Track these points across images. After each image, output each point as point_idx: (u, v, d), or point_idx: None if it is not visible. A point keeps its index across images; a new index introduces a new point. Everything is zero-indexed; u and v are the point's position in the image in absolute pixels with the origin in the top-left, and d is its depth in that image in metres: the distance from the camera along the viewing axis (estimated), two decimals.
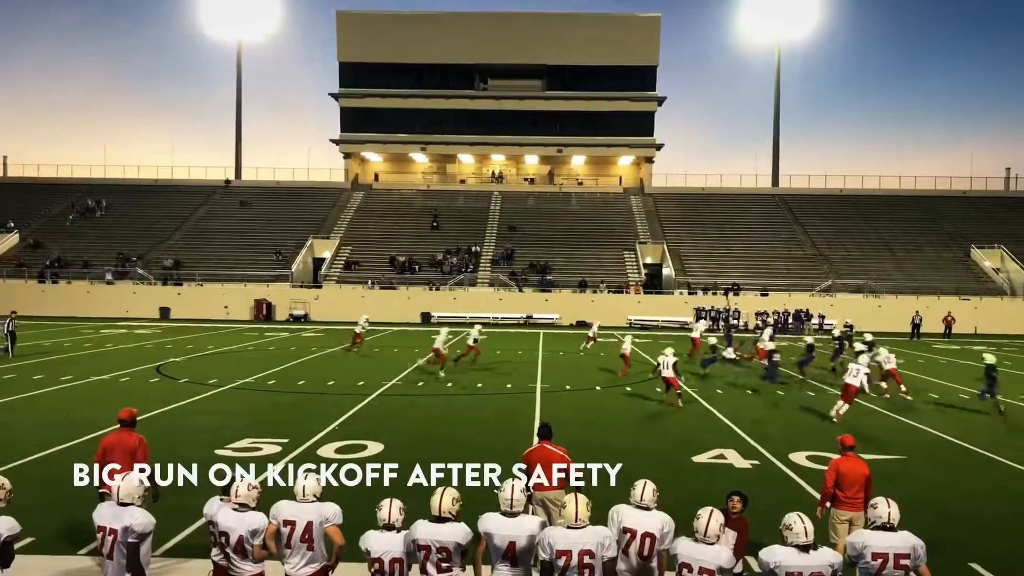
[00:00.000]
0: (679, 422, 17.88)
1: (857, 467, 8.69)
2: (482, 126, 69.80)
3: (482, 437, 15.84)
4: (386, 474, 12.62)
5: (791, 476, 13.11)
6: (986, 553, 9.63)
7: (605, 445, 15.11)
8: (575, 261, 56.81)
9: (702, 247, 59.32)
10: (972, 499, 12.09)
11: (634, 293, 52.75)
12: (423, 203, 66.06)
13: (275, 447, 14.61)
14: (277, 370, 26.07)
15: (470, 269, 55.66)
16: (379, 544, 6.26)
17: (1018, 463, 14.38)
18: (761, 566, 6.13)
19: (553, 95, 70.10)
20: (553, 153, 70.75)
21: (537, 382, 23.93)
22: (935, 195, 66.50)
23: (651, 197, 67.17)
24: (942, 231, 60.55)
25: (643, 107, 70.24)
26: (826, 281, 53.37)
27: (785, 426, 17.64)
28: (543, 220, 62.84)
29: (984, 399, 20.49)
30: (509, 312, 50.58)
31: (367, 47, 69.47)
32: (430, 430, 16.54)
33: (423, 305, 51.36)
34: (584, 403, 20.36)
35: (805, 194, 67.30)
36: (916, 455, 14.96)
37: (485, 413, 18.66)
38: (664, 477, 12.66)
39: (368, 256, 57.65)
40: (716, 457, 14.31)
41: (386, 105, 70.25)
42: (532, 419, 17.69)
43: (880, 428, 17.68)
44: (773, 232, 61.39)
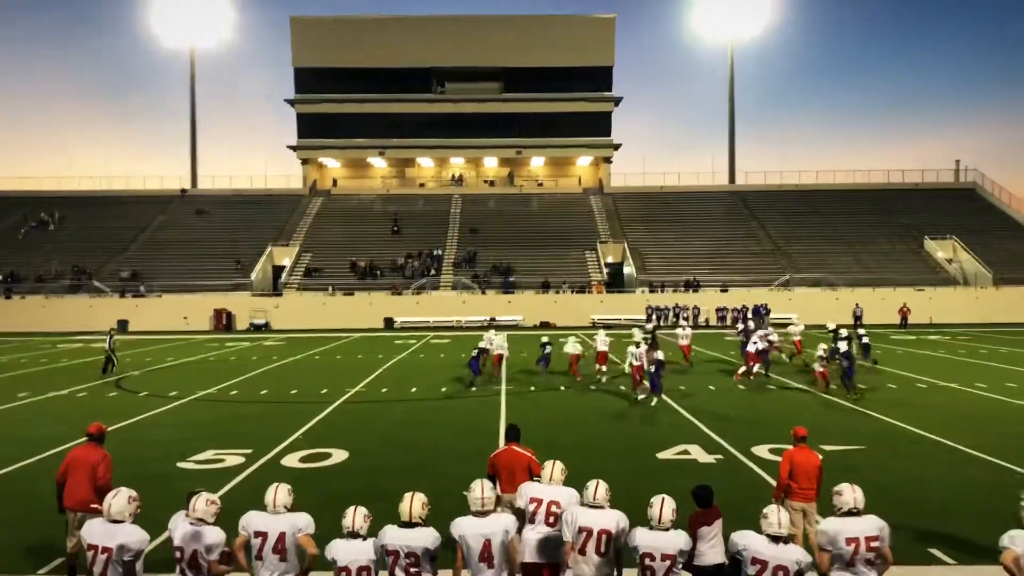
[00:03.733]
0: (644, 420, 18.01)
1: (809, 458, 8.83)
2: (440, 129, 69.75)
3: (448, 441, 15.83)
4: (352, 481, 12.64)
5: (754, 469, 13.27)
6: (945, 537, 9.84)
7: (571, 445, 15.17)
8: (537, 262, 56.95)
9: (662, 245, 59.79)
10: (931, 486, 12.33)
11: (596, 293, 53.01)
12: (383, 208, 65.82)
13: (238, 458, 14.46)
14: (239, 380, 25.80)
15: (432, 273, 55.55)
16: (345, 553, 6.24)
17: (973, 449, 14.67)
18: (730, 546, 6.26)
19: (511, 97, 70.26)
20: (512, 155, 70.90)
21: (502, 384, 23.95)
22: (888, 189, 67.74)
23: (610, 197, 67.58)
24: (896, 224, 61.65)
25: (600, 108, 70.69)
26: (784, 276, 54.07)
27: (748, 420, 17.84)
28: (504, 222, 62.92)
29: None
30: (472, 315, 50.56)
31: (323, 52, 69.08)
32: (395, 436, 16.48)
33: (386, 310, 51.14)
34: (549, 404, 20.43)
35: (762, 190, 68.20)
36: (876, 444, 15.21)
37: (450, 417, 18.63)
38: (629, 474, 12.79)
39: (329, 262, 57.27)
40: (680, 453, 14.44)
41: (343, 110, 69.89)
42: (498, 421, 17.71)
43: (840, 419, 17.95)
44: (731, 229, 62.08)
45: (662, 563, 6.14)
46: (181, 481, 12.68)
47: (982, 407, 19.55)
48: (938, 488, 12.21)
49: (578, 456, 14.05)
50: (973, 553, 9.39)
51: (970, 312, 50.01)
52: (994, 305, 50.38)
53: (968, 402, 20.35)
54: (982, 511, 10.98)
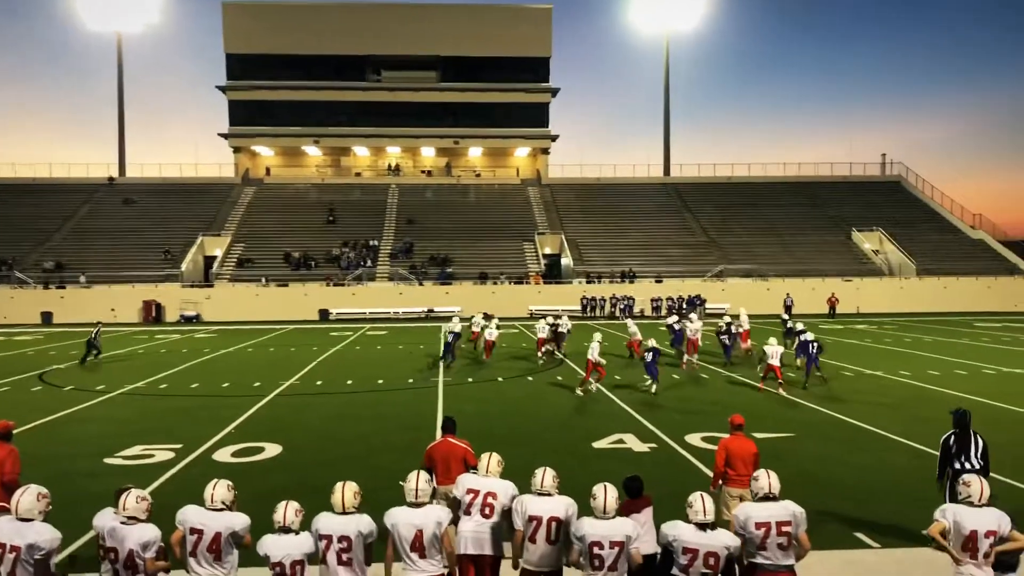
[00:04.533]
0: (579, 410, 18.14)
1: (745, 446, 8.99)
2: (377, 118, 69.07)
3: (384, 434, 15.71)
4: (286, 475, 12.46)
5: (687, 457, 13.48)
6: (870, 522, 10.12)
7: (507, 435, 15.20)
8: (475, 253, 56.87)
9: (599, 236, 60.23)
10: (857, 472, 12.66)
11: (534, 283, 53.18)
12: (318, 197, 64.96)
13: (168, 453, 14.14)
14: (169, 374, 25.22)
15: (368, 264, 55.05)
16: (277, 548, 6.18)
17: (897, 435, 15.13)
18: (660, 537, 6.34)
19: (448, 87, 69.90)
20: (450, 145, 70.60)
21: (439, 376, 23.88)
22: (817, 181, 69.32)
23: (548, 188, 67.81)
24: (825, 216, 63.16)
25: (537, 98, 70.81)
26: (717, 267, 54.98)
27: (681, 409, 18.10)
28: (442, 212, 62.67)
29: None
30: (410, 306, 50.29)
31: (256, 38, 67.73)
32: (330, 429, 16.30)
33: (320, 302, 50.53)
34: (486, 395, 20.43)
35: (696, 183, 69.16)
36: (804, 432, 15.57)
37: (386, 409, 18.49)
38: (566, 464, 12.82)
39: (262, 253, 56.31)
40: (616, 442, 14.58)
41: (277, 98, 68.69)
42: (435, 413, 17.65)
43: (770, 408, 18.33)
44: (666, 220, 62.86)
45: (611, 551, 6.19)
46: (108, 478, 12.35)
47: (906, 394, 20.17)
48: (864, 473, 12.55)
49: (514, 447, 14.07)
50: (897, 536, 9.68)
51: (895, 302, 51.54)
52: (918, 295, 52.03)
53: (893, 389, 20.97)
54: (906, 495, 11.32)
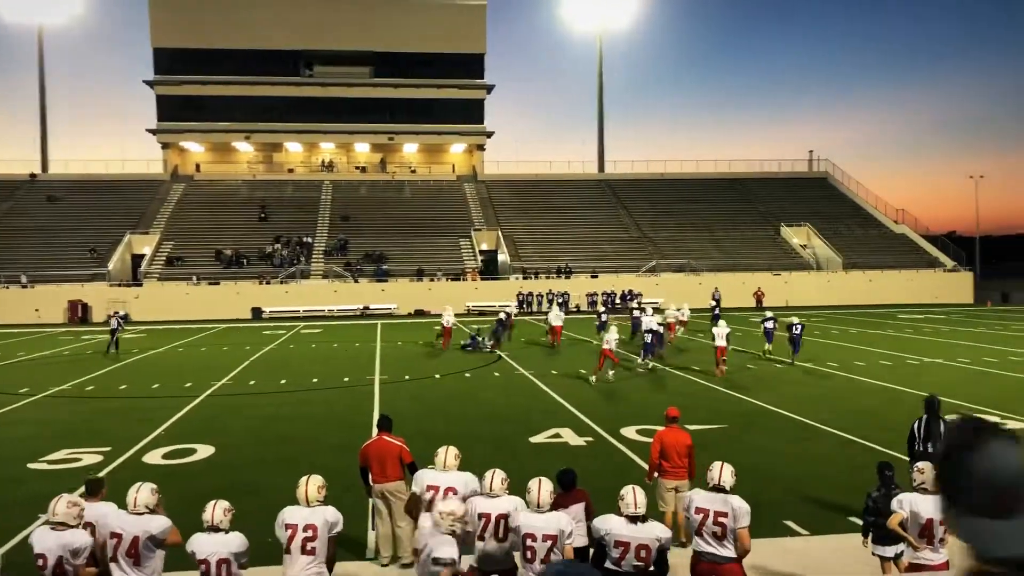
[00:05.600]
0: (516, 405, 18.22)
1: (680, 438, 9.14)
2: (309, 114, 68.12)
3: (319, 433, 15.56)
4: (218, 477, 12.26)
5: (622, 450, 13.65)
6: (799, 510, 10.39)
7: (444, 432, 15.16)
8: (411, 250, 56.57)
9: (535, 232, 60.47)
10: (787, 461, 12.99)
11: (471, 280, 53.17)
12: (249, 194, 63.81)
13: (96, 456, 13.78)
14: (96, 375, 24.55)
15: (302, 261, 54.35)
16: (204, 546, 6.21)
17: (824, 424, 15.55)
18: (593, 531, 6.43)
19: (382, 82, 69.31)
20: (384, 141, 70.05)
21: (375, 374, 23.72)
22: (748, 177, 70.68)
23: (484, 184, 67.77)
24: (754, 211, 64.47)
25: (473, 95, 70.69)
26: (651, 262, 55.70)
27: (616, 402, 18.33)
28: (377, 209, 62.15)
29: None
30: (345, 304, 49.80)
31: (184, 32, 66.13)
32: (264, 429, 16.07)
33: (253, 300, 49.69)
34: (423, 392, 20.36)
35: (629, 179, 69.90)
36: (735, 423, 15.91)
37: (321, 408, 18.31)
38: (503, 460, 12.87)
39: (192, 251, 55.12)
40: (552, 437, 14.69)
41: (206, 92, 67.22)
42: (371, 412, 17.53)
43: (703, 400, 18.67)
44: (601, 216, 63.41)
45: (543, 543, 6.25)
46: (34, 483, 12.01)
47: (834, 384, 20.75)
48: (793, 462, 12.88)
49: (451, 443, 14.05)
50: (825, 523, 9.95)
51: (822, 295, 52.89)
52: (844, 288, 53.48)
53: (821, 380, 21.55)
54: (833, 483, 11.65)
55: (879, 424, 15.48)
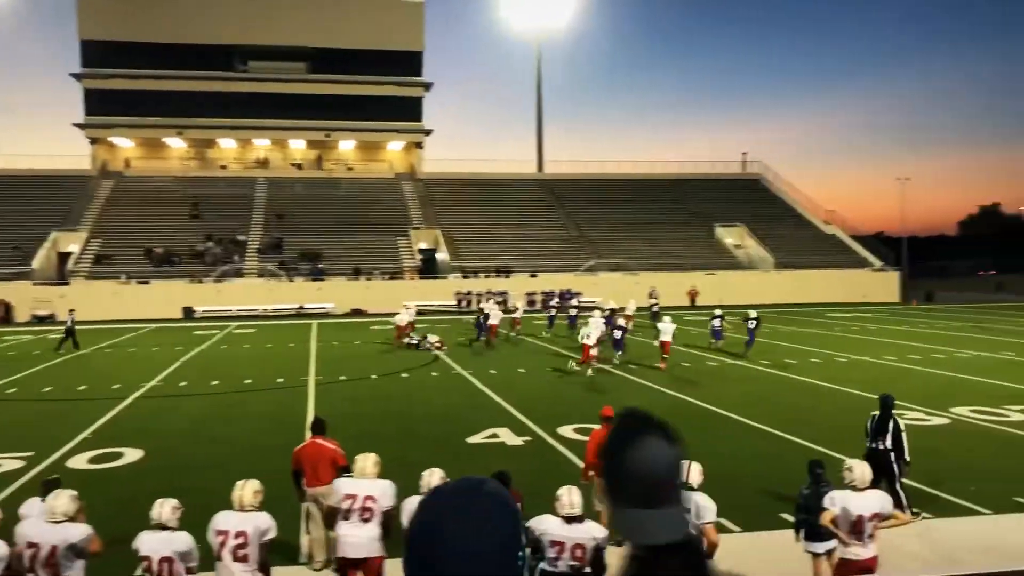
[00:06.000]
0: (453, 405, 18.13)
1: None
2: (243, 110, 66.81)
3: (252, 435, 15.28)
4: (147, 481, 11.92)
5: (560, 449, 13.68)
6: (732, 507, 10.40)
7: (380, 433, 15.04)
8: (348, 248, 55.96)
9: (474, 231, 60.37)
10: (719, 459, 13.09)
11: (409, 279, 52.82)
12: (181, 191, 62.31)
13: (17, 462, 13.30)
14: (18, 377, 23.70)
15: (235, 260, 53.33)
16: (148, 544, 6.12)
17: (756, 421, 15.81)
18: (528, 533, 6.39)
19: (318, 78, 68.43)
20: (321, 138, 69.16)
21: (310, 374, 23.38)
22: (683, 178, 71.58)
23: (422, 182, 67.40)
24: (690, 211, 65.35)
25: (411, 92, 70.27)
26: (589, 261, 56.07)
27: (554, 401, 18.38)
28: (312, 207, 61.29)
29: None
30: (280, 303, 48.98)
31: (114, 24, 64.28)
32: (196, 431, 15.72)
33: (184, 299, 48.56)
34: (359, 393, 20.13)
35: (568, 179, 70.20)
36: (669, 420, 15.95)
37: (255, 410, 17.97)
38: (439, 462, 12.78)
39: (121, 249, 53.63)
40: (490, 436, 14.65)
41: (136, 87, 65.42)
42: (305, 413, 17.24)
43: (637, 397, 18.83)
44: (540, 216, 63.60)
45: None
46: None
47: (765, 383, 21.14)
48: (725, 460, 13.02)
49: (387, 444, 13.91)
50: (758, 520, 10.11)
51: (755, 294, 53.76)
52: (776, 287, 54.50)
53: (753, 377, 21.94)
54: (766, 479, 11.85)
55: (808, 421, 15.82)
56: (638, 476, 1.67)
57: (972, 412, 16.32)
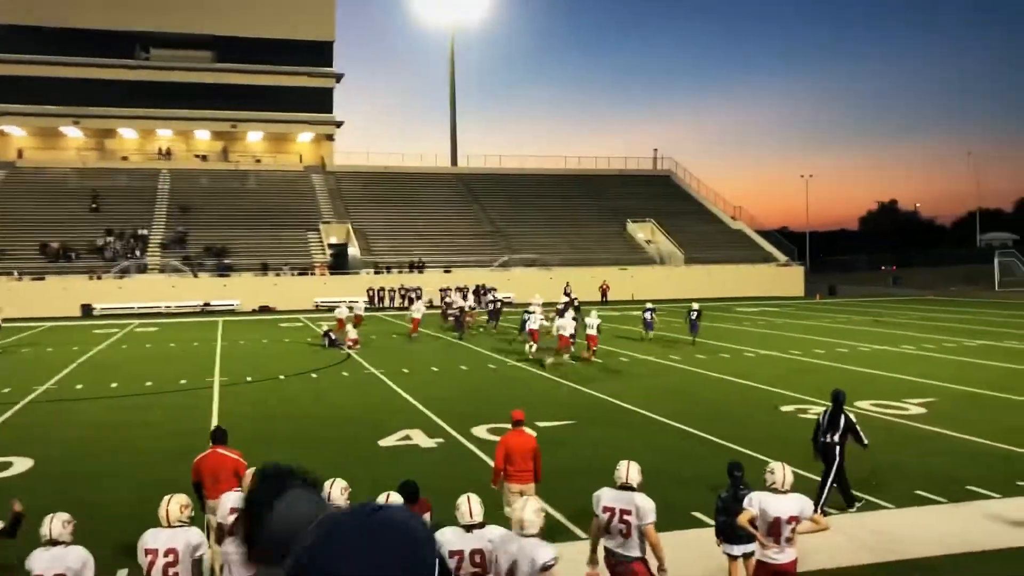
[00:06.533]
0: (364, 406, 17.75)
1: (524, 441, 9.03)
2: (145, 99, 64.46)
3: (153, 441, 14.62)
4: (38, 493, 11.24)
5: (473, 451, 13.49)
6: None
7: (289, 437, 14.63)
8: (255, 243, 54.57)
9: (387, 226, 59.66)
10: (630, 456, 12.98)
11: (320, 274, 51.84)
12: (79, 183, 59.68)
13: None
14: None
15: (137, 255, 51.41)
16: (39, 562, 5.83)
17: (668, 418, 15.92)
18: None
19: (224, 68, 66.54)
20: (227, 129, 67.29)
21: (215, 375, 22.60)
22: (597, 174, 72.26)
23: (333, 175, 66.20)
24: (603, 207, 65.98)
25: (321, 83, 69.04)
26: (504, 256, 56.06)
27: (467, 400, 18.19)
28: (218, 200, 59.57)
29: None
30: (184, 300, 47.44)
31: (6, 7, 61.03)
32: (92, 438, 14.97)
33: (83, 296, 46.54)
34: (266, 395, 19.50)
35: (482, 173, 70.05)
36: (584, 418, 16.07)
37: (156, 414, 17.23)
38: (350, 466, 12.48)
39: (14, 243, 51.06)
40: (402, 439, 14.35)
41: (30, 73, 62.36)
42: (209, 417, 16.61)
43: (554, 394, 18.82)
44: (454, 210, 63.27)
45: None
46: None
47: (676, 378, 21.39)
48: (635, 457, 12.89)
49: (296, 448, 13.54)
50: (669, 520, 10.09)
51: (665, 288, 54.66)
52: (685, 282, 55.44)
53: (664, 373, 22.19)
54: (674, 477, 11.90)
55: (718, 417, 16.01)
56: (283, 533, 1.57)
57: (874, 406, 16.80)
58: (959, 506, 10.30)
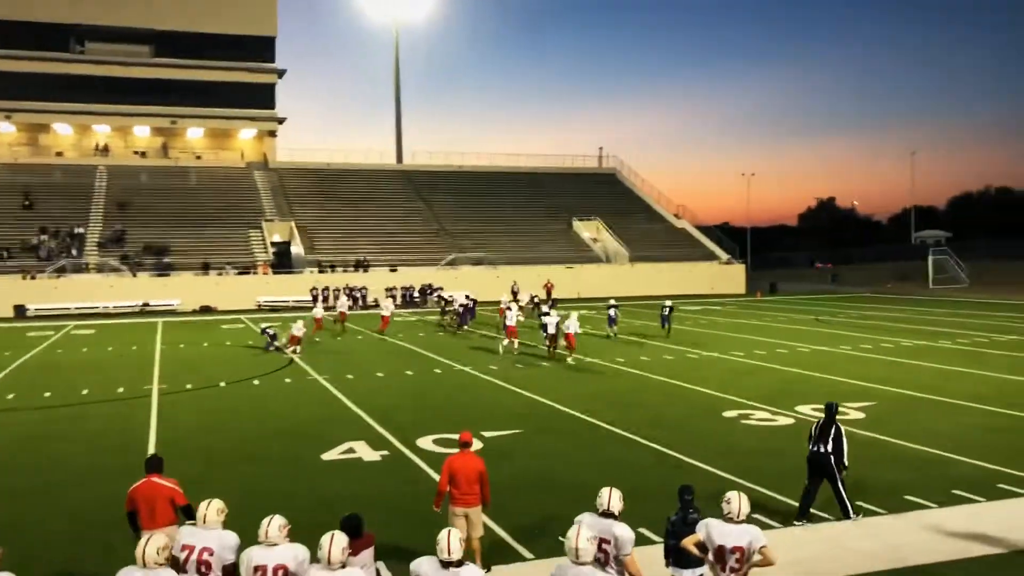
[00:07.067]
0: (307, 416, 17.45)
1: (470, 463, 8.90)
2: (81, 93, 62.81)
3: (89, 456, 14.18)
4: None
5: (419, 464, 13.33)
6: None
7: (229, 451, 14.33)
8: (196, 241, 53.55)
9: (331, 224, 59.01)
10: (576, 468, 13.16)
11: (262, 273, 51.06)
12: (11, 179, 57.79)
13: None
14: None
15: (73, 254, 50.04)
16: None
17: (613, 426, 15.93)
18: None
19: (163, 63, 65.13)
20: (166, 125, 65.90)
21: (154, 382, 22.06)
22: (543, 172, 72.36)
23: (276, 172, 65.23)
24: (549, 205, 66.14)
25: (263, 79, 68.04)
26: (450, 255, 55.84)
27: (413, 408, 18.03)
28: (158, 197, 58.25)
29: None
30: (122, 300, 46.32)
31: None
32: (20, 453, 14.46)
33: (16, 296, 45.14)
34: (207, 404, 19.06)
35: (428, 171, 69.66)
36: (531, 427, 16.02)
37: (92, 425, 16.74)
38: (294, 481, 12.31)
39: None
40: (346, 452, 14.14)
41: None
42: (148, 429, 16.21)
43: (501, 401, 18.75)
44: (399, 208, 62.81)
45: None
46: None
47: (622, 383, 21.46)
48: (582, 469, 13.05)
49: (237, 466, 13.29)
50: None
51: (611, 287, 54.89)
52: (631, 280, 55.91)
53: (609, 377, 22.27)
54: (623, 490, 11.89)
55: (661, 424, 16.10)
56: None
57: (814, 410, 17.03)
58: (899, 517, 10.48)
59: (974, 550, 9.33)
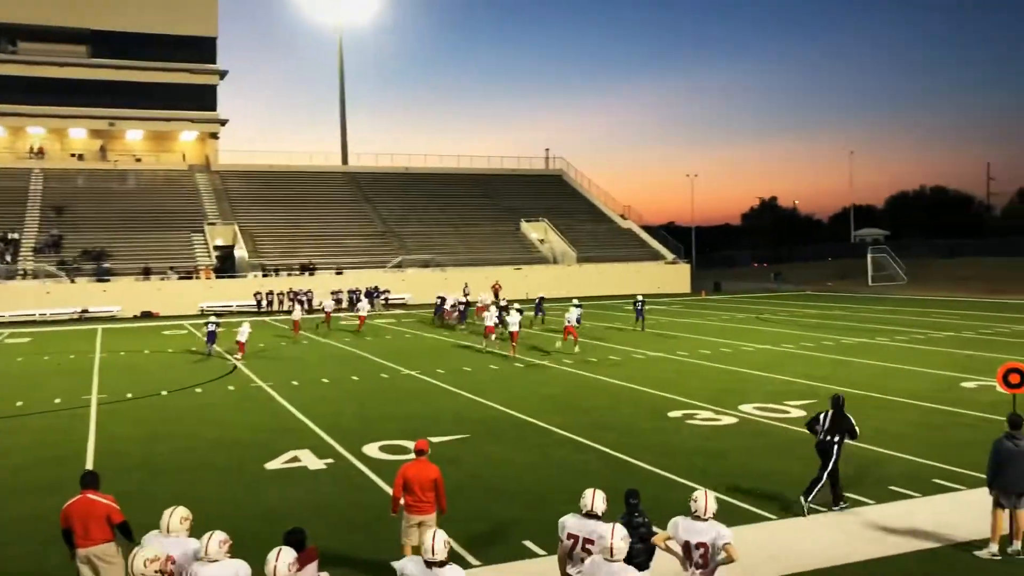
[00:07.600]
0: (251, 424, 17.19)
1: (425, 471, 8.84)
2: (14, 94, 61.07)
3: (21, 472, 13.75)
4: None
5: (365, 472, 13.20)
6: (537, 529, 10.15)
7: (171, 461, 14.04)
8: (136, 246, 52.47)
9: (275, 227, 58.25)
10: (524, 472, 13.17)
11: (205, 278, 50.20)
12: None
13: None
14: None
15: (7, 260, 48.62)
16: None
17: (561, 428, 15.96)
18: None
19: (101, 63, 63.65)
20: (104, 127, 64.43)
21: (93, 392, 21.53)
22: (490, 174, 72.40)
23: (218, 175, 64.23)
24: (497, 206, 66.22)
25: (204, 80, 66.91)
26: (397, 257, 55.52)
27: (358, 415, 17.86)
28: (96, 201, 56.97)
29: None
30: (60, 307, 45.17)
31: None
32: None
33: None
34: (148, 414, 18.64)
35: (374, 172, 69.24)
36: (479, 431, 15.99)
37: (25, 438, 16.25)
38: (238, 491, 12.13)
39: None
40: (290, 461, 13.95)
41: None
42: (86, 441, 15.79)
43: (449, 406, 18.67)
44: (345, 210, 62.33)
45: None
46: None
47: (569, 384, 21.55)
48: (530, 473, 13.07)
49: (180, 476, 13.05)
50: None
51: (558, 287, 55.15)
52: (578, 280, 56.16)
53: (556, 379, 22.35)
54: (570, 493, 11.84)
55: (608, 425, 16.19)
56: None
57: (757, 409, 17.35)
58: (837, 514, 10.68)
59: (910, 545, 9.56)
